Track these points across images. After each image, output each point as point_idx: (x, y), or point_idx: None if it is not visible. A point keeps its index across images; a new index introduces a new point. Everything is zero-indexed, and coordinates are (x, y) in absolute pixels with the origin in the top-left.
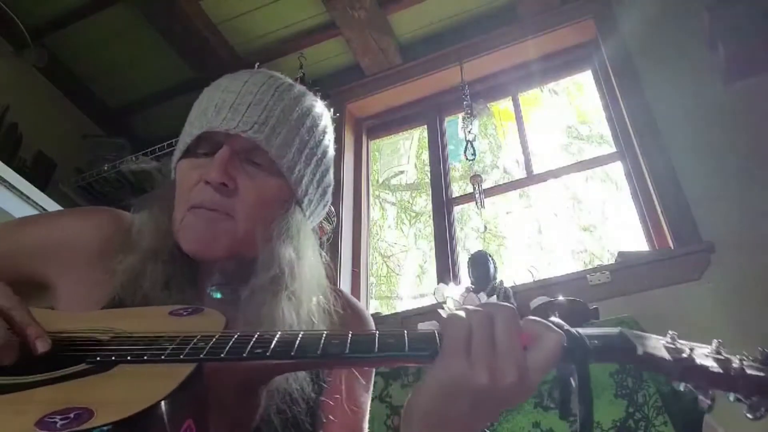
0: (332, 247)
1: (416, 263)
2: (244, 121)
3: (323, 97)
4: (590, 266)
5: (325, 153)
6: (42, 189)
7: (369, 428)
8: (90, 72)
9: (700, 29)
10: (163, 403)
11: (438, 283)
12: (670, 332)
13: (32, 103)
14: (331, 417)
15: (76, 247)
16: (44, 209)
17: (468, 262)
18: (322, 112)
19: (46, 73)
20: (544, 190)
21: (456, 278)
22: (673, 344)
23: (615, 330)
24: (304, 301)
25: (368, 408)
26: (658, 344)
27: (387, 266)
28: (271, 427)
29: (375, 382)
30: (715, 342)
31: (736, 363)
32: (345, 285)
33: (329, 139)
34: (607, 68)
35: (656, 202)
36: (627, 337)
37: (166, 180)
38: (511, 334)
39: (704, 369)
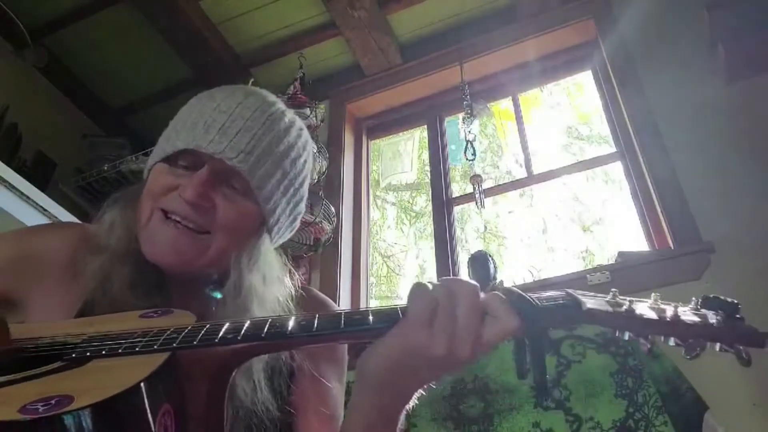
0: (332, 247)
1: (416, 263)
2: (231, 146)
3: (323, 97)
4: (590, 266)
5: (302, 183)
6: (42, 189)
7: None
8: (90, 72)
9: (700, 29)
10: (140, 385)
11: None
12: (612, 290)
13: (32, 103)
14: (304, 404)
15: (43, 261)
16: (44, 209)
17: (468, 262)
18: (306, 141)
19: (46, 73)
20: (544, 190)
21: None
22: (614, 299)
23: (561, 291)
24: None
25: (342, 393)
26: (600, 300)
27: (387, 266)
28: None
29: None
30: (653, 295)
31: (671, 311)
32: (345, 285)
33: (309, 168)
34: (607, 68)
35: (656, 202)
36: (572, 294)
37: (138, 181)
38: (473, 312)
39: (642, 317)
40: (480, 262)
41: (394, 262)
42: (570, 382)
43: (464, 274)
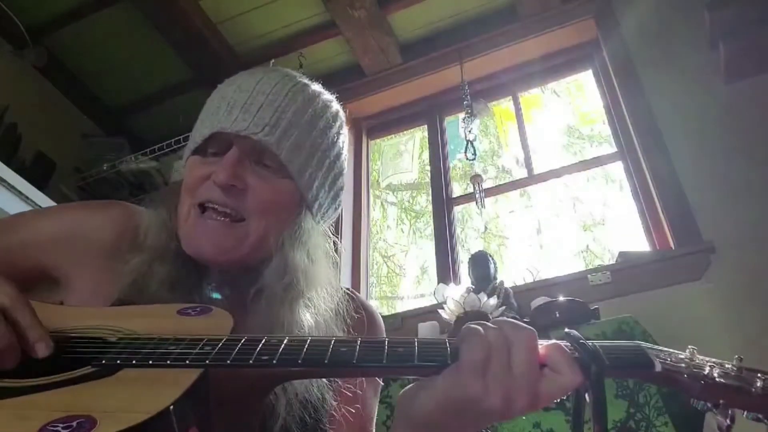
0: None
1: (416, 263)
2: (255, 122)
3: None
4: (591, 266)
5: (338, 156)
6: (41, 189)
7: None
8: (90, 72)
9: (700, 29)
10: (167, 411)
11: (438, 283)
12: (689, 347)
13: (32, 103)
14: (341, 419)
15: (89, 241)
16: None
17: (468, 262)
18: (336, 112)
19: (46, 73)
20: (544, 190)
21: (456, 278)
22: (692, 360)
23: (632, 344)
24: (321, 306)
25: (376, 409)
26: (676, 360)
27: (387, 266)
28: None
29: None
30: (735, 358)
31: (758, 382)
32: (345, 285)
33: (342, 141)
34: (607, 68)
35: (657, 202)
36: (644, 352)
37: (178, 178)
38: (530, 362)
39: (724, 387)
40: (480, 261)
41: (394, 262)
42: None
43: (464, 273)
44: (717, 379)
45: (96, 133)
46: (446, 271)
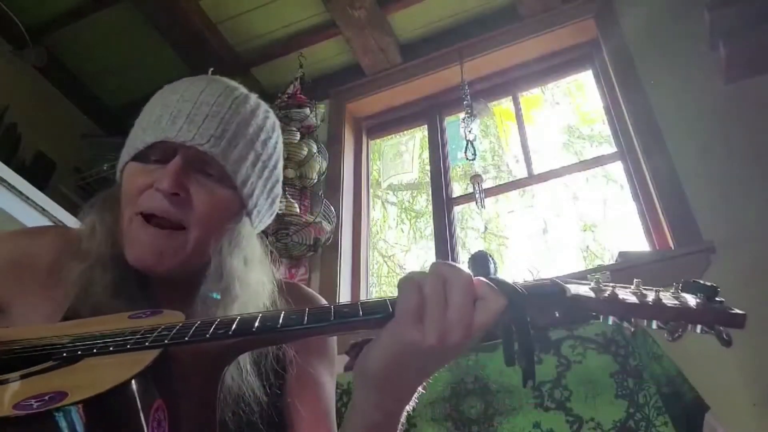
0: (332, 247)
1: (417, 263)
2: (200, 133)
3: (323, 97)
4: (590, 266)
5: (276, 164)
6: (41, 189)
7: None
8: (90, 72)
9: (700, 29)
10: (132, 381)
11: None
12: (594, 276)
13: (32, 103)
14: (300, 409)
15: (26, 267)
16: (43, 209)
17: (468, 262)
18: (274, 122)
19: (46, 73)
20: (544, 190)
21: None
22: (597, 285)
23: (547, 279)
24: (253, 309)
25: (334, 390)
26: (584, 286)
27: (387, 266)
28: (227, 429)
29: None
30: (635, 281)
31: (652, 295)
32: (345, 285)
33: (280, 150)
34: (607, 68)
35: (657, 202)
36: (557, 282)
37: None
38: (465, 299)
39: (625, 302)
40: (480, 261)
41: (394, 262)
42: (570, 382)
43: None
44: (619, 297)
45: (96, 133)
46: None
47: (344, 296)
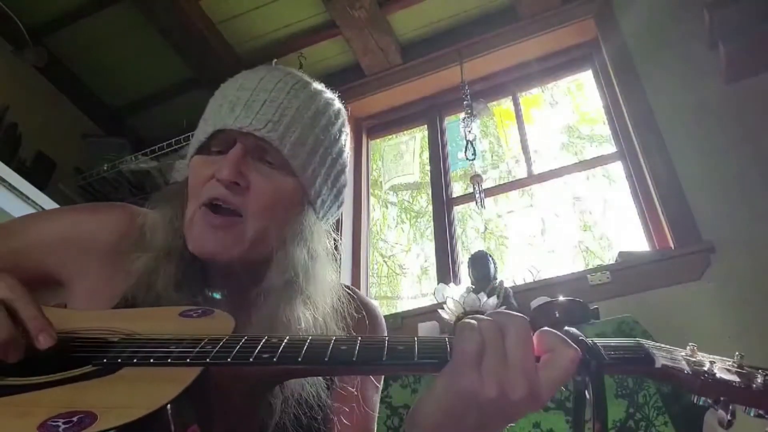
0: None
1: (416, 263)
2: (257, 119)
3: None
4: (591, 266)
5: (340, 153)
6: (41, 189)
7: None
8: (90, 72)
9: (700, 29)
10: (167, 407)
11: (438, 283)
12: (690, 344)
13: (32, 103)
14: (343, 419)
15: (90, 244)
16: (44, 209)
17: (468, 262)
18: (338, 110)
19: (46, 73)
20: (544, 190)
21: (456, 278)
22: (693, 357)
23: (632, 341)
24: (320, 304)
25: (377, 408)
26: (677, 356)
27: (387, 266)
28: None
29: None
30: (737, 355)
31: (759, 378)
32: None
33: (345, 139)
34: (607, 68)
35: (656, 202)
36: (645, 348)
37: (179, 178)
38: (523, 347)
39: (725, 383)
40: (480, 261)
41: (394, 262)
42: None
43: (464, 273)
44: (717, 375)
45: (96, 133)
46: (446, 271)
47: None
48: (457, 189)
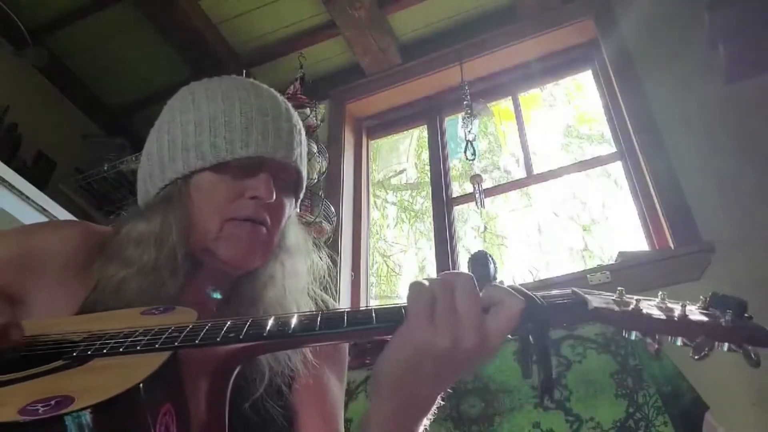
0: (332, 247)
1: (416, 263)
2: (288, 149)
3: (323, 97)
4: (590, 266)
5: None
6: (42, 189)
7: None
8: (89, 72)
9: (700, 29)
10: (141, 386)
11: None
12: (618, 288)
13: (32, 103)
14: (305, 408)
15: (43, 260)
16: (44, 209)
17: (468, 262)
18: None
19: (46, 73)
20: (544, 190)
21: None
22: (620, 298)
23: (568, 290)
24: (297, 296)
25: (342, 396)
26: (607, 299)
27: (387, 266)
28: (247, 420)
29: (366, 380)
30: (660, 293)
31: (679, 310)
32: (345, 285)
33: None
34: (607, 68)
35: (656, 202)
36: (578, 293)
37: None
38: (472, 300)
39: (649, 316)
40: (480, 261)
41: (394, 261)
42: (570, 382)
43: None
44: (643, 311)
45: (96, 133)
46: (446, 271)
47: (344, 296)
48: (457, 189)
